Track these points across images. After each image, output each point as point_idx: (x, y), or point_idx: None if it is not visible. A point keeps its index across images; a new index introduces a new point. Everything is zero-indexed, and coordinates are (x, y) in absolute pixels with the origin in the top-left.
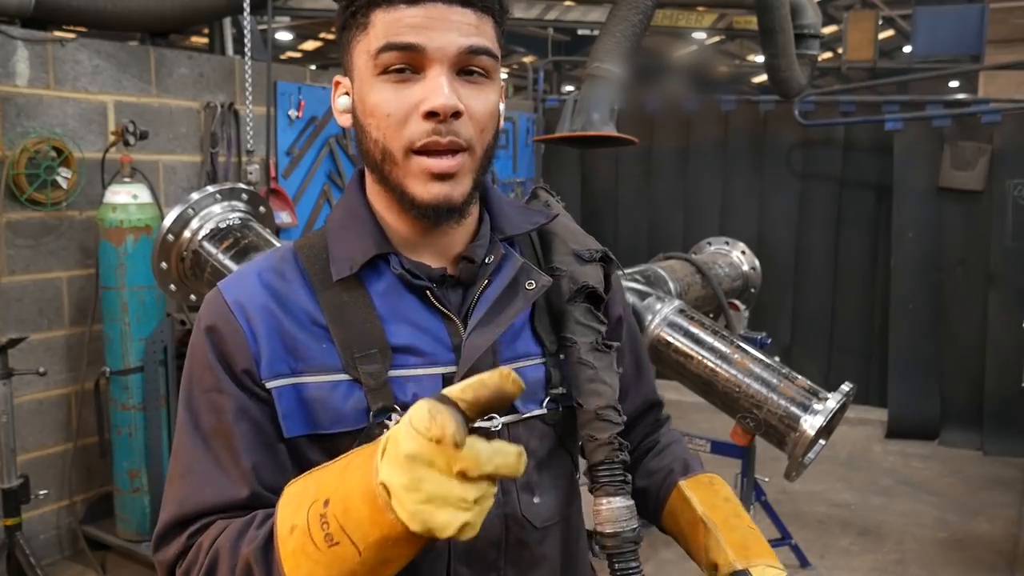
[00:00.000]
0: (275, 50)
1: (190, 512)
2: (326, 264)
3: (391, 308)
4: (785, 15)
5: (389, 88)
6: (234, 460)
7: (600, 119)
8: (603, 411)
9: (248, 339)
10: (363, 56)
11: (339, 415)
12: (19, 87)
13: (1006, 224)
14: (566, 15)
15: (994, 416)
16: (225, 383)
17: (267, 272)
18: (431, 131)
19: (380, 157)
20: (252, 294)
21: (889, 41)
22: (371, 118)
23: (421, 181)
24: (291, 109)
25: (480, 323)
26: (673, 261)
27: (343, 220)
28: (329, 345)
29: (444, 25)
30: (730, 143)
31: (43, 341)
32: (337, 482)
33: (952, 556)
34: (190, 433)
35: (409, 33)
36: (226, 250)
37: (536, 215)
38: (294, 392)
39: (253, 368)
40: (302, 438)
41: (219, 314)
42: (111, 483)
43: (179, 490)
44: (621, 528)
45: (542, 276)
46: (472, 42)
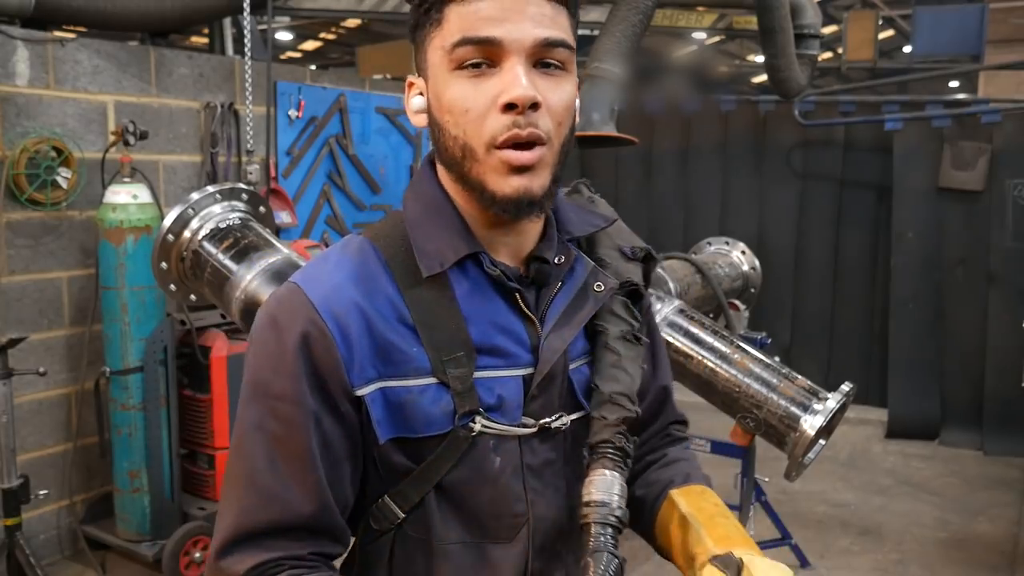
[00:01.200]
0: (275, 50)
1: (254, 527)
2: (408, 258)
3: (475, 308)
4: (785, 15)
5: (466, 83)
6: (301, 473)
7: (600, 119)
8: (617, 396)
9: (339, 344)
10: (438, 52)
11: (429, 419)
12: (19, 87)
13: (1006, 224)
14: None
15: (994, 416)
16: (301, 393)
17: (352, 268)
18: (511, 124)
19: (460, 154)
20: (341, 292)
21: (889, 41)
22: (448, 115)
23: (501, 175)
24: (291, 109)
25: (555, 325)
26: (673, 261)
27: (425, 212)
28: (419, 348)
29: (520, 17)
30: (730, 143)
31: (43, 341)
32: None
33: (952, 556)
34: (255, 438)
35: (485, 26)
36: (226, 250)
37: (596, 218)
38: (382, 396)
39: (344, 375)
40: (388, 443)
41: (305, 316)
42: (111, 483)
43: (243, 499)
44: (609, 499)
45: (609, 279)
46: (549, 34)
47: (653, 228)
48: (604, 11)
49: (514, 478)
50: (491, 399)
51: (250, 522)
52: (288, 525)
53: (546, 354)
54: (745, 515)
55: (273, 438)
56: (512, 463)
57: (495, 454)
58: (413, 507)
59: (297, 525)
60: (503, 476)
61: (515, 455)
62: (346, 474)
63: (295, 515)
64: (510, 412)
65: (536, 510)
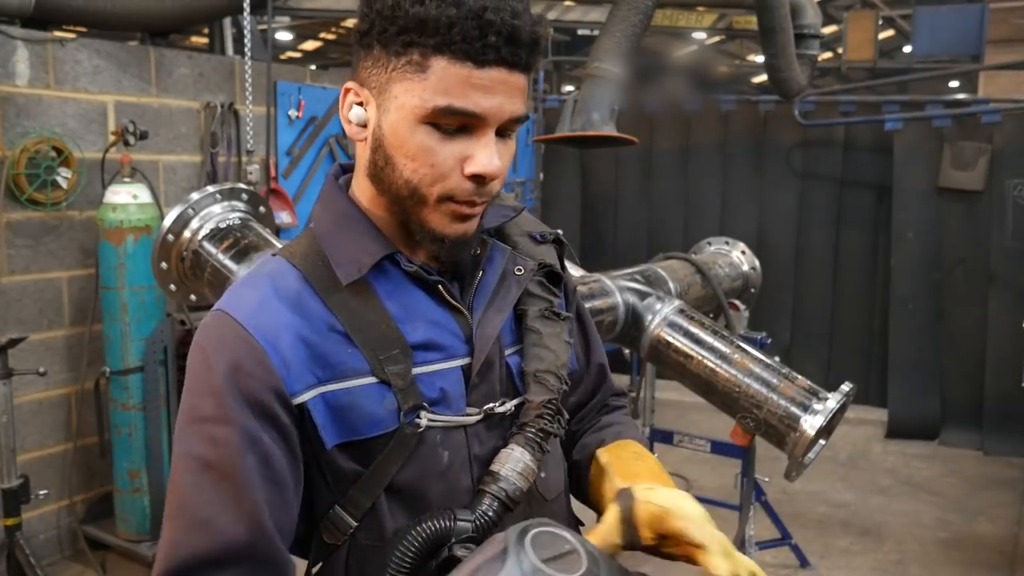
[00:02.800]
0: (275, 50)
1: (186, 561)
2: (326, 270)
3: (402, 306)
4: (785, 15)
5: (436, 138)
6: (233, 496)
7: (600, 119)
8: (542, 375)
9: (271, 359)
10: (410, 96)
11: (374, 418)
12: (19, 87)
13: (1006, 224)
14: (566, 15)
15: (994, 416)
16: (234, 413)
17: (272, 285)
18: (473, 192)
19: (407, 193)
20: (267, 311)
21: (889, 41)
22: (409, 160)
23: (447, 222)
24: (291, 109)
25: (485, 312)
26: (673, 261)
27: (336, 224)
28: (353, 349)
29: (502, 90)
30: (730, 143)
31: (43, 341)
32: None
33: (952, 556)
34: (186, 466)
35: (474, 97)
36: (226, 250)
37: (506, 209)
38: (323, 401)
39: (282, 388)
40: (335, 448)
41: (234, 340)
42: (111, 483)
43: (172, 531)
44: (509, 473)
45: (527, 261)
46: (521, 111)
47: (653, 228)
48: (604, 11)
49: (463, 471)
50: (433, 393)
51: (179, 556)
52: (219, 554)
53: (480, 342)
54: (745, 515)
55: (204, 464)
56: (460, 456)
57: (443, 448)
58: (365, 513)
59: (229, 553)
60: (451, 470)
61: (462, 447)
62: (289, 492)
63: (225, 542)
64: (454, 403)
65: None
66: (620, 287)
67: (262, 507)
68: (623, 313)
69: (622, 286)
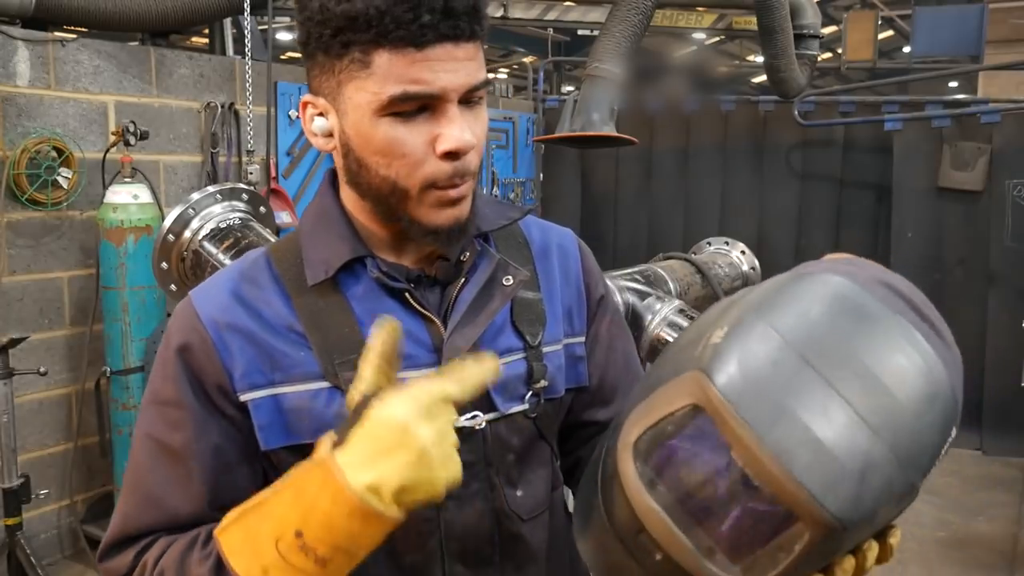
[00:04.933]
0: (275, 50)
1: (134, 531)
2: (300, 269)
3: (369, 312)
4: (785, 15)
5: (400, 126)
6: (184, 476)
7: (600, 119)
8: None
9: (219, 352)
10: (363, 93)
11: (321, 424)
12: (20, 87)
13: (1006, 224)
14: (566, 15)
15: (993, 416)
16: (187, 397)
17: (238, 280)
18: (451, 171)
19: (388, 192)
20: (223, 305)
21: (889, 41)
22: (380, 156)
23: (435, 210)
24: (291, 109)
25: (460, 323)
26: (673, 261)
27: (315, 223)
28: (307, 352)
29: (453, 65)
30: (730, 143)
31: (44, 341)
32: (299, 511)
33: (952, 556)
34: (144, 444)
35: (424, 77)
36: (226, 250)
37: (510, 210)
38: (272, 403)
39: (226, 382)
40: (282, 449)
41: (189, 326)
42: (112, 483)
43: (126, 504)
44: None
45: (519, 271)
46: (477, 78)
47: (653, 228)
48: (604, 11)
49: None
50: None
51: (131, 525)
52: (167, 527)
53: (448, 353)
54: None
55: (159, 443)
56: None
57: None
58: None
59: (177, 527)
60: None
61: None
62: (243, 478)
63: (174, 516)
64: None
65: (448, 515)
66: (619, 287)
67: (213, 489)
68: (623, 313)
69: (621, 286)
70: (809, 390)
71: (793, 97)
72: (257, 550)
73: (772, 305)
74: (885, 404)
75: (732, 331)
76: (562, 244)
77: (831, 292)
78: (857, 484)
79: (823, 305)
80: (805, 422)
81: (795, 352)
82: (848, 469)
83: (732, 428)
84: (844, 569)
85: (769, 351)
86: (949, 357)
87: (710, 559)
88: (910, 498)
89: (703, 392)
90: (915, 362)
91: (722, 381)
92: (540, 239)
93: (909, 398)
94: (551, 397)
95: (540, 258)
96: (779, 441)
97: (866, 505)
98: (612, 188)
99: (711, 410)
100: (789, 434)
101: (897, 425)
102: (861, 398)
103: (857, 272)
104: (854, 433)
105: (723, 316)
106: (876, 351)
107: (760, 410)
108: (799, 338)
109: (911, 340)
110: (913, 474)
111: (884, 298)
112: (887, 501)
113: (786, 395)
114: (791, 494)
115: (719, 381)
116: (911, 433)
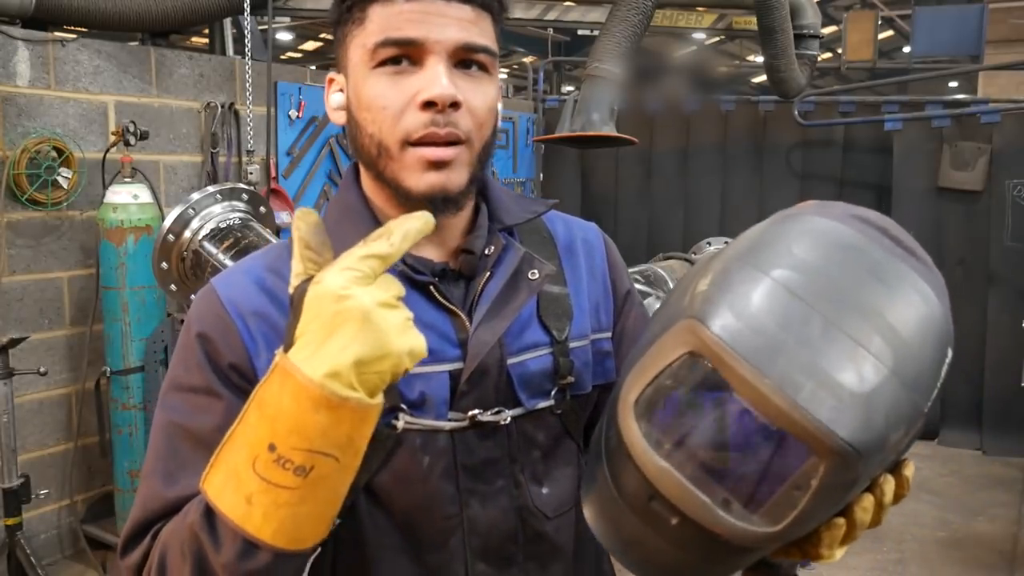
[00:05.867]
0: (275, 50)
1: (153, 513)
2: None
3: None
4: (785, 15)
5: (385, 80)
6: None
7: (600, 119)
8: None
9: (244, 338)
10: (359, 50)
11: None
12: (20, 87)
13: (1006, 224)
14: (566, 15)
15: (994, 416)
16: (211, 382)
17: (263, 271)
18: (428, 122)
19: (376, 151)
20: (247, 295)
21: (889, 41)
22: (367, 112)
23: (417, 172)
24: (291, 109)
25: (485, 317)
26: (673, 261)
27: (340, 215)
28: None
29: (443, 20)
30: (730, 143)
31: (44, 341)
32: (266, 425)
33: (952, 556)
34: (163, 432)
35: (407, 27)
36: (226, 250)
37: (535, 204)
38: None
39: (249, 370)
40: None
41: (213, 313)
42: (112, 483)
43: (143, 490)
44: None
45: (545, 265)
46: (471, 38)
47: (653, 228)
48: (604, 11)
49: (445, 478)
50: (412, 395)
51: (149, 511)
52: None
53: (474, 348)
54: None
55: (181, 428)
56: (443, 462)
57: (423, 453)
58: (345, 512)
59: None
60: (432, 476)
61: (446, 454)
62: None
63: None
64: (434, 408)
65: (471, 511)
66: None
67: None
68: None
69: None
70: (803, 322)
71: (793, 97)
72: (238, 481)
73: (753, 249)
74: (880, 328)
75: (717, 277)
76: (587, 239)
77: (809, 229)
78: (865, 407)
79: (804, 242)
80: (804, 352)
81: (783, 287)
82: (854, 393)
83: (732, 367)
84: (864, 507)
85: (758, 290)
86: (933, 278)
87: (727, 511)
88: (918, 424)
89: (697, 337)
90: (903, 287)
91: (715, 323)
92: (565, 233)
93: (902, 321)
94: (577, 393)
95: (565, 253)
96: (781, 374)
97: (877, 428)
98: (612, 188)
99: (708, 353)
100: (790, 365)
101: (896, 347)
102: (856, 325)
103: (830, 210)
104: (855, 358)
105: (706, 267)
106: (862, 279)
107: (757, 346)
108: (785, 275)
109: (895, 266)
110: (918, 396)
111: (861, 230)
112: (897, 424)
113: (781, 329)
114: (800, 424)
115: (712, 324)
116: (910, 354)
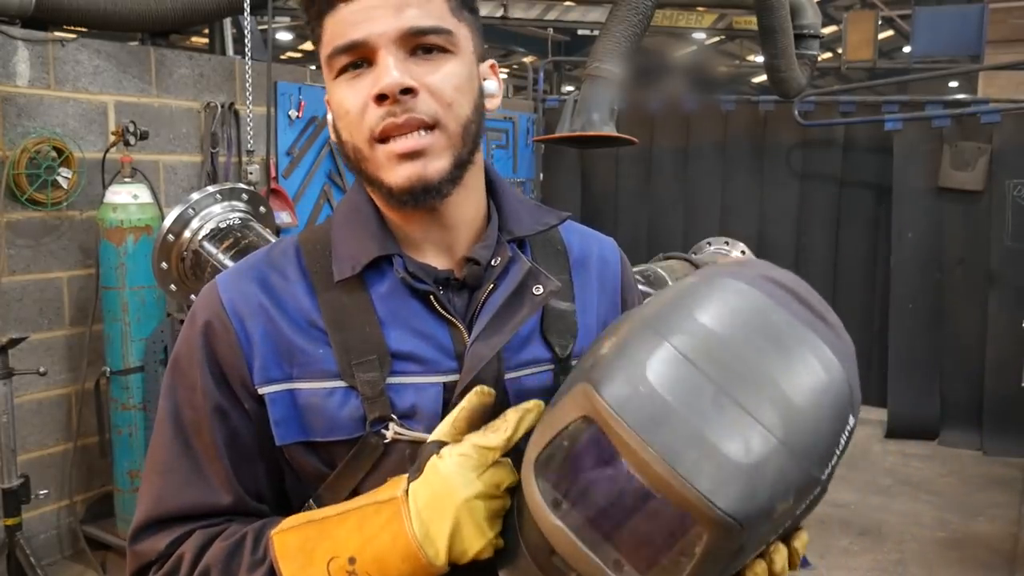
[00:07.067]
0: (275, 50)
1: (169, 512)
2: (328, 262)
3: (392, 312)
4: (785, 15)
5: (345, 86)
6: (215, 461)
7: (600, 119)
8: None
9: (241, 342)
10: (325, 65)
11: (334, 423)
12: (20, 87)
13: (1006, 224)
14: (566, 15)
15: (994, 416)
16: (207, 382)
17: (266, 269)
18: (385, 114)
19: (355, 156)
20: (247, 294)
21: (889, 41)
22: (340, 120)
23: (391, 167)
24: (291, 109)
25: (484, 331)
26: (673, 261)
27: (347, 216)
28: (326, 350)
29: (380, 12)
30: (730, 143)
31: (43, 341)
32: (359, 539)
33: (952, 556)
34: (170, 427)
35: (350, 31)
36: (226, 250)
37: (548, 215)
38: (288, 398)
39: (245, 372)
40: (296, 444)
41: (213, 312)
42: (111, 483)
43: (158, 487)
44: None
45: (551, 281)
46: (413, 23)
47: (653, 228)
48: (604, 11)
49: None
50: (404, 406)
51: (164, 508)
52: (203, 512)
53: (470, 361)
54: None
55: (188, 426)
56: None
57: (411, 463)
58: None
59: (213, 513)
60: None
61: None
62: (260, 472)
63: (212, 505)
64: (425, 420)
65: None
66: None
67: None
68: None
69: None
70: (695, 392)
71: (793, 97)
72: (309, 562)
73: (659, 313)
74: (774, 397)
75: (619, 340)
76: (602, 255)
77: (717, 293)
78: (748, 478)
79: (709, 308)
80: (693, 422)
81: (680, 355)
82: (739, 464)
83: (619, 435)
84: (756, 573)
85: (655, 357)
86: (839, 345)
87: (619, 572)
88: (812, 491)
89: (589, 403)
90: (803, 354)
91: (606, 390)
92: (580, 247)
93: (797, 389)
94: None
95: (577, 267)
96: (665, 443)
97: (761, 499)
98: (612, 188)
99: (598, 419)
100: (676, 435)
101: (788, 416)
102: (748, 394)
103: (745, 271)
104: (743, 428)
105: (616, 328)
106: (761, 347)
107: (645, 415)
108: (684, 341)
109: (798, 332)
110: (809, 465)
111: (771, 292)
112: (785, 494)
113: (672, 398)
114: (680, 494)
115: (604, 391)
116: (803, 423)
